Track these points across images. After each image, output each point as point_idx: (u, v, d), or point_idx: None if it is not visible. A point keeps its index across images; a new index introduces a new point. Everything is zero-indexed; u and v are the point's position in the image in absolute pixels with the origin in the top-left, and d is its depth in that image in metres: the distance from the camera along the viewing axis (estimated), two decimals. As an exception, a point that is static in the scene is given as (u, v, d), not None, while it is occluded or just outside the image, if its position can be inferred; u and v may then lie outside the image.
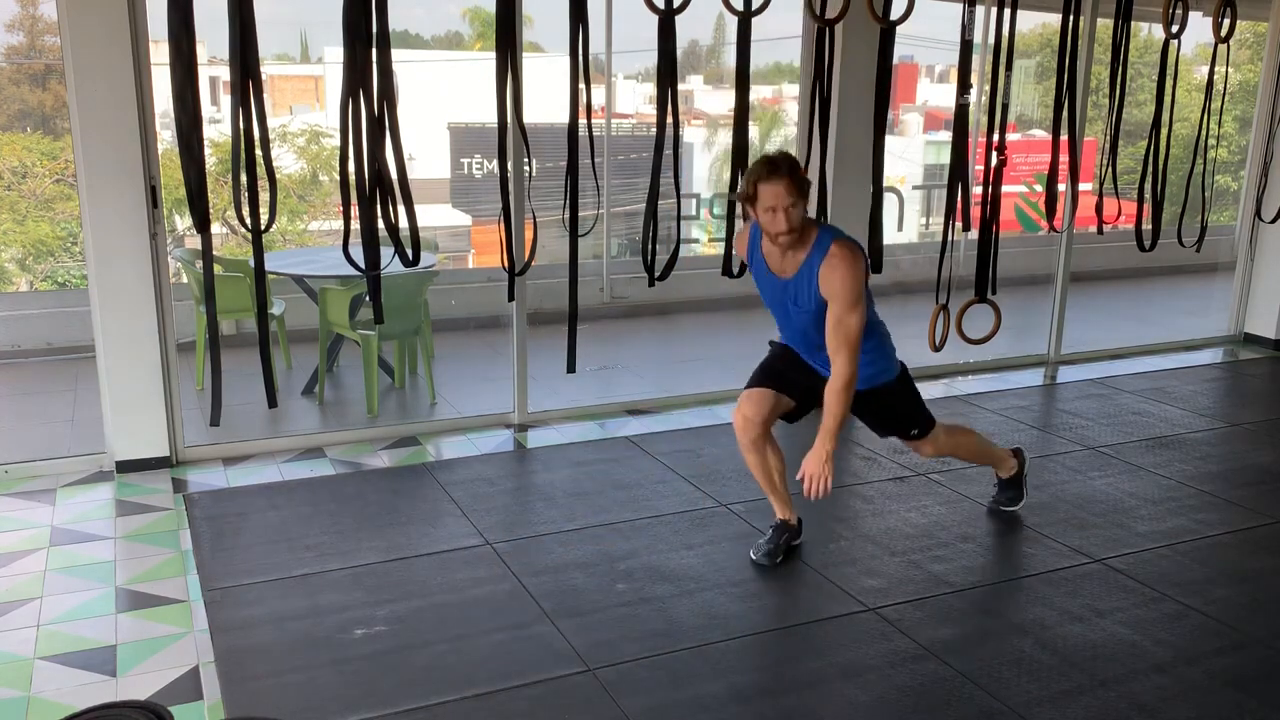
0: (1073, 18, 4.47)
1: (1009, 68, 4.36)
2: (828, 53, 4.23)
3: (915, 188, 14.68)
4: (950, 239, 4.46)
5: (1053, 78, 4.60)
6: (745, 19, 4.09)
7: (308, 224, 13.51)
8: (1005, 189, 4.62)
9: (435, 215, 14.06)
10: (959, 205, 4.45)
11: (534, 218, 4.34)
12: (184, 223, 10.86)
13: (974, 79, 5.84)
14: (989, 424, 5.23)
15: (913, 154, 16.73)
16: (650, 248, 4.20)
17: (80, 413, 5.31)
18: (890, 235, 10.60)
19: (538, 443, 4.94)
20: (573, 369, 4.34)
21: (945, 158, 7.32)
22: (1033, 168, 12.16)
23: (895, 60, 4.39)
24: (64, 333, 6.47)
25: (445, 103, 15.05)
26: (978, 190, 4.91)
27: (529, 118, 4.02)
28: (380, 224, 3.54)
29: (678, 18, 3.93)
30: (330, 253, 5.86)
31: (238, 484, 4.37)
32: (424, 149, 13.77)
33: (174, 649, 3.14)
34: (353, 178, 3.49)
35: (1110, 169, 4.99)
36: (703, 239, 12.21)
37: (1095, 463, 4.77)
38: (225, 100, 6.68)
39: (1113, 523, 4.13)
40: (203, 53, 6.80)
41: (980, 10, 4.71)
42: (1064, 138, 4.63)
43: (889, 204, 11.13)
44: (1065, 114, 4.61)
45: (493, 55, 3.72)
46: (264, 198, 3.42)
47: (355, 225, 3.53)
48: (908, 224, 12.58)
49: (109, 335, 4.30)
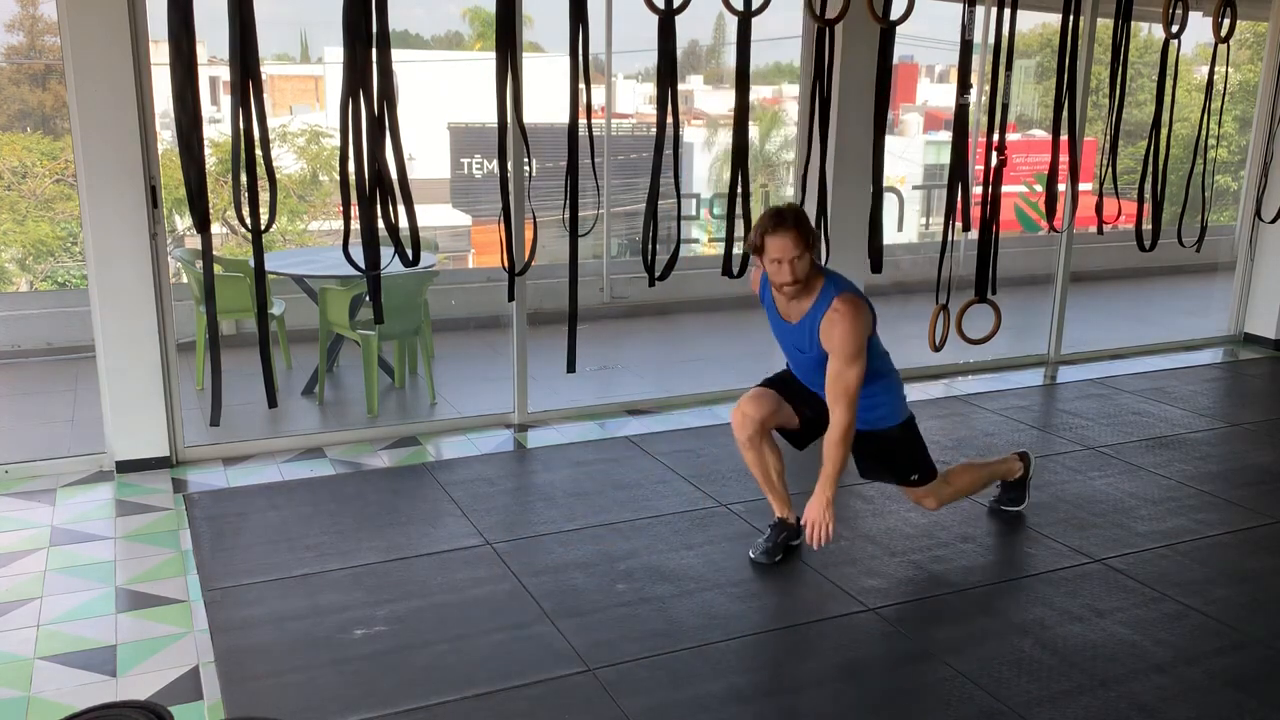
0: (1073, 18, 4.46)
1: (1009, 68, 4.35)
2: (828, 53, 4.22)
3: (915, 188, 14.69)
4: (950, 239, 4.46)
5: (1053, 78, 4.59)
6: (745, 19, 4.08)
7: (308, 224, 13.51)
8: (1005, 189, 4.62)
9: (435, 215, 14.06)
10: (959, 205, 4.44)
11: (534, 218, 4.33)
12: (184, 223, 10.86)
13: (974, 79, 5.83)
14: (989, 424, 5.23)
15: (913, 154, 16.74)
16: (650, 248, 4.20)
17: (80, 413, 5.31)
18: (890, 235, 10.61)
19: (538, 443, 4.94)
20: (573, 369, 4.33)
21: (945, 158, 7.32)
22: (1033, 168, 12.16)
23: (895, 60, 4.38)
24: (64, 333, 6.47)
25: (445, 103, 15.05)
26: (978, 190, 4.90)
27: (529, 118, 4.01)
28: (380, 224, 3.54)
29: (678, 18, 3.93)
30: (330, 253, 5.87)
31: (238, 484, 4.37)
32: (424, 149, 13.78)
33: (174, 649, 3.14)
34: (353, 178, 3.49)
35: (1110, 169, 4.98)
36: (703, 239, 12.22)
37: (1095, 463, 4.77)
38: (225, 100, 6.68)
39: (1113, 523, 4.13)
40: (203, 53, 6.80)
41: (980, 10, 4.71)
42: (1064, 138, 4.63)
43: (889, 204, 11.15)
44: (1065, 114, 4.61)
45: (493, 55, 3.72)
46: (264, 198, 3.41)
47: (355, 225, 3.53)
48: (908, 224, 12.59)
49: (109, 335, 4.31)
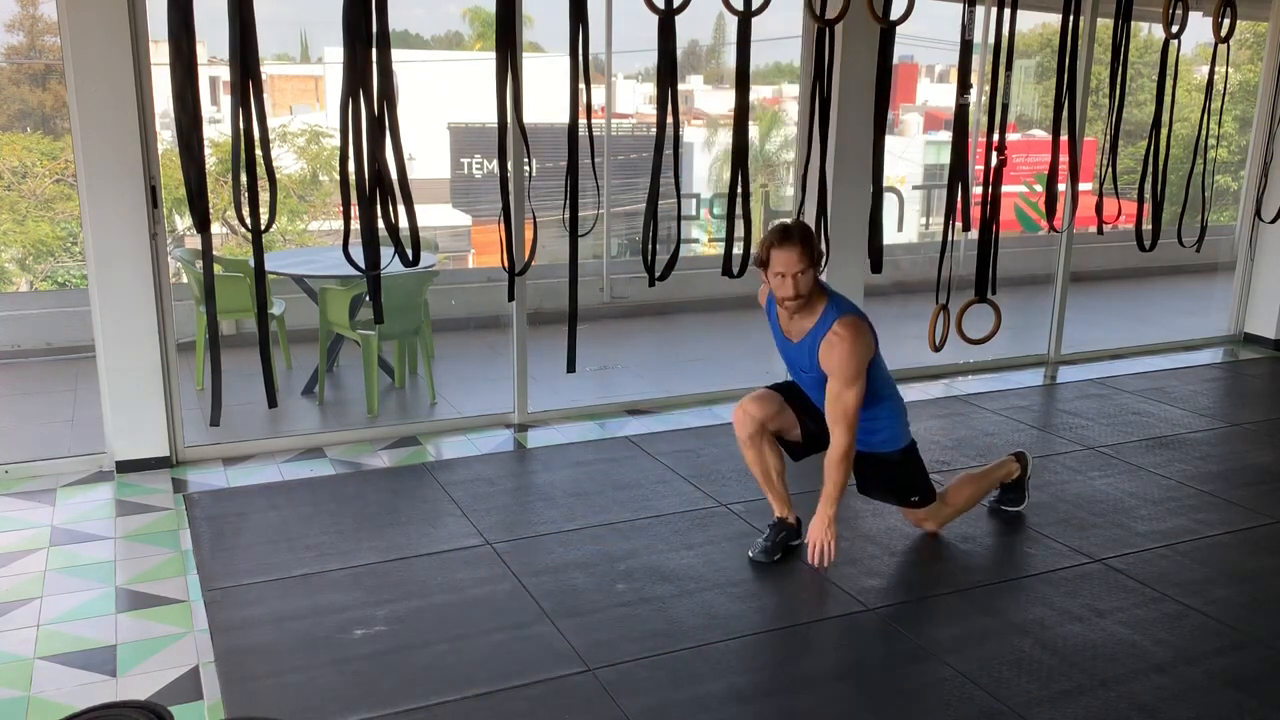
0: (1073, 18, 4.46)
1: (1009, 68, 4.35)
2: (828, 53, 4.22)
3: (915, 188, 14.69)
4: (950, 239, 4.45)
5: (1053, 78, 4.59)
6: (745, 19, 4.08)
7: (308, 224, 13.51)
8: (1005, 189, 4.62)
9: (435, 215, 14.07)
10: (959, 205, 4.44)
11: (534, 218, 4.33)
12: (184, 223, 10.86)
13: (974, 79, 5.83)
14: (989, 424, 5.23)
15: (913, 154, 16.75)
16: (650, 248, 4.20)
17: (80, 413, 5.31)
18: (890, 235, 10.61)
19: (538, 443, 4.94)
20: (573, 369, 4.33)
21: (945, 158, 7.32)
22: (1033, 168, 12.16)
23: (895, 60, 4.38)
24: (64, 333, 6.47)
25: (445, 103, 15.06)
26: (978, 190, 4.90)
27: (529, 118, 4.01)
28: (380, 224, 3.54)
29: (678, 18, 3.93)
30: (330, 253, 5.87)
31: (238, 484, 4.37)
32: (424, 149, 13.79)
33: (174, 649, 3.14)
34: (353, 178, 3.49)
35: (1110, 169, 4.98)
36: (703, 239, 12.23)
37: (1095, 463, 4.77)
38: (225, 100, 6.68)
39: (1113, 523, 4.13)
40: (203, 53, 6.80)
41: (980, 10, 4.71)
42: (1064, 138, 4.62)
43: (889, 204, 11.16)
44: (1065, 114, 4.60)
45: (493, 55, 3.72)
46: (264, 198, 3.41)
47: (355, 225, 3.53)
48: (908, 224, 12.59)
49: (109, 335, 4.31)
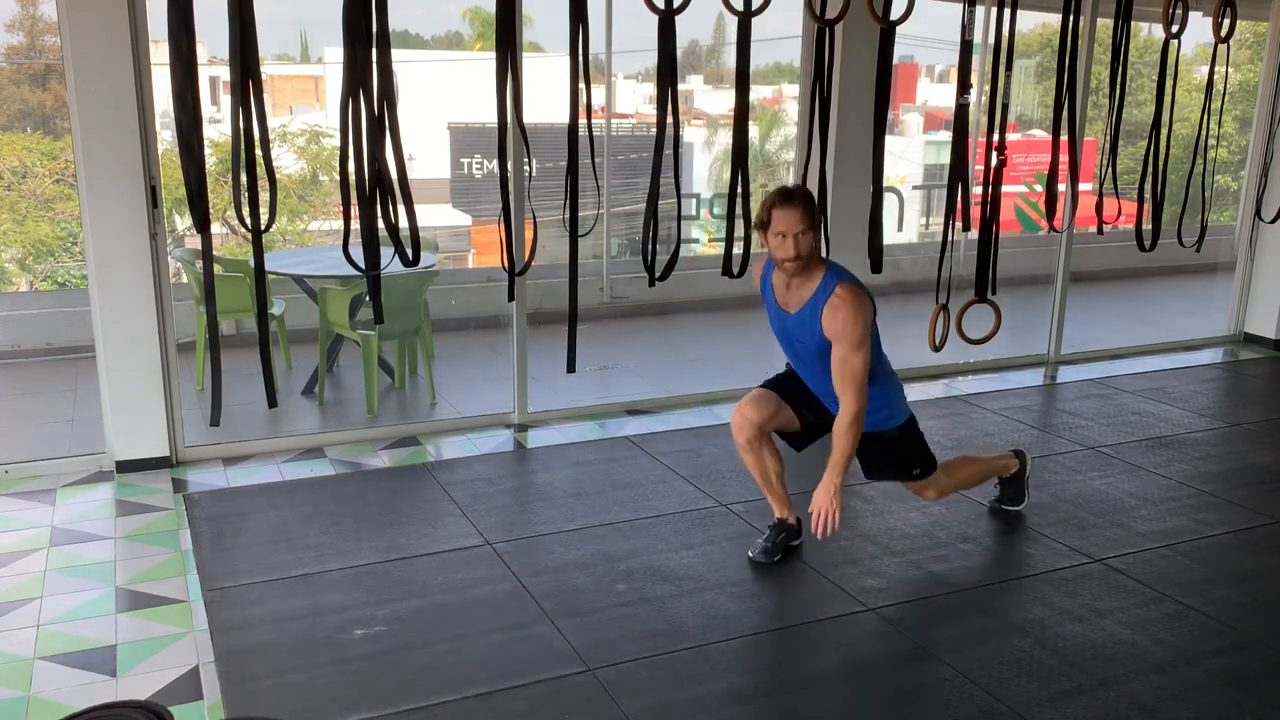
0: (1073, 18, 4.46)
1: (1009, 68, 4.35)
2: (828, 53, 4.22)
3: (915, 188, 14.70)
4: (950, 239, 4.46)
5: (1053, 78, 4.59)
6: (745, 19, 4.08)
7: (308, 224, 13.52)
8: (1005, 189, 4.62)
9: (435, 215, 14.07)
10: (959, 205, 4.44)
11: (534, 218, 4.33)
12: (184, 223, 10.86)
13: (974, 79, 5.83)
14: (989, 424, 5.23)
15: (913, 154, 16.75)
16: (650, 248, 4.20)
17: (80, 413, 5.31)
18: (890, 235, 10.60)
19: (538, 443, 4.94)
20: (573, 369, 4.33)
21: (945, 158, 7.32)
22: (1033, 168, 12.16)
23: (895, 60, 4.38)
24: (64, 333, 6.47)
25: (445, 103, 15.06)
26: (978, 190, 4.90)
27: (529, 118, 4.02)
28: (380, 224, 3.54)
29: (678, 18, 3.93)
30: (330, 253, 5.86)
31: (238, 484, 4.37)
32: (424, 149, 13.79)
33: (174, 649, 3.14)
34: (353, 178, 3.49)
35: (1110, 169, 4.98)
36: (703, 239, 12.23)
37: (1095, 463, 4.77)
38: (225, 100, 6.68)
39: (1113, 523, 4.13)
40: (203, 53, 6.80)
41: (980, 10, 4.71)
42: (1064, 138, 4.63)
43: (889, 204, 11.14)
44: (1065, 114, 4.61)
45: (493, 55, 3.72)
46: (264, 198, 3.41)
47: (355, 225, 3.53)
48: (908, 224, 12.58)
49: (109, 335, 4.30)
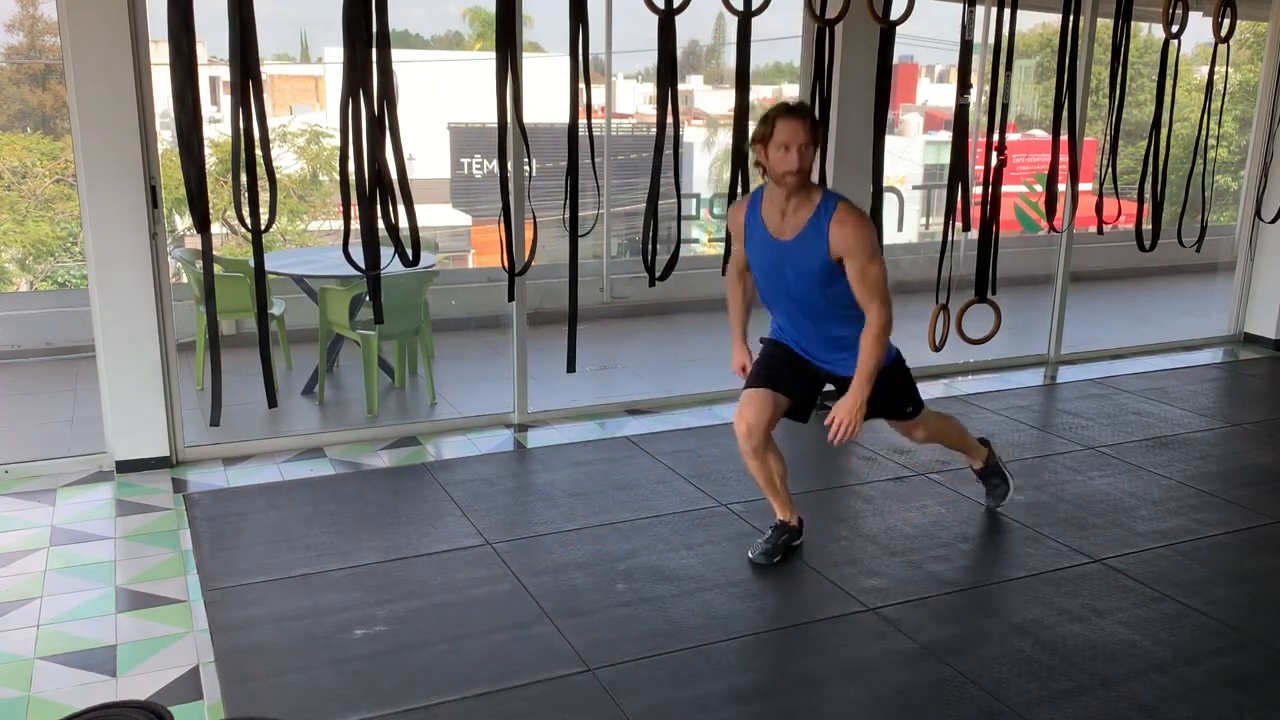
0: (1073, 18, 4.47)
1: (1009, 68, 4.36)
2: (828, 53, 4.23)
3: (915, 188, 14.70)
4: (950, 239, 4.46)
5: (1053, 78, 4.60)
6: (745, 19, 4.09)
7: (308, 224, 13.52)
8: (1005, 189, 4.63)
9: (435, 215, 14.07)
10: (959, 205, 4.45)
11: (534, 218, 4.34)
12: (184, 223, 10.87)
13: (974, 79, 5.84)
14: (989, 424, 5.23)
15: (913, 154, 16.75)
16: (650, 248, 4.21)
17: (80, 413, 5.31)
18: (890, 235, 10.62)
19: (538, 443, 4.94)
20: (573, 369, 4.34)
21: (945, 158, 7.32)
22: (1033, 168, 12.17)
23: (895, 60, 4.39)
24: (64, 333, 6.47)
25: (445, 103, 15.06)
26: (978, 190, 4.91)
27: (529, 118, 4.02)
28: (380, 224, 3.54)
29: (678, 18, 3.93)
30: (330, 253, 5.86)
31: (238, 484, 4.37)
32: (424, 149, 13.79)
33: (174, 649, 3.14)
34: (353, 178, 3.50)
35: (1110, 169, 4.99)
36: (703, 239, 12.22)
37: (1095, 463, 4.77)
38: (225, 100, 6.68)
39: (1113, 523, 4.13)
40: (203, 53, 6.80)
41: (980, 10, 4.71)
42: (1064, 138, 4.63)
43: (889, 204, 11.13)
44: (1065, 114, 4.61)
45: (493, 55, 3.73)
46: (264, 198, 3.42)
47: (355, 225, 3.53)
48: (908, 224, 12.58)
49: (109, 335, 4.30)
